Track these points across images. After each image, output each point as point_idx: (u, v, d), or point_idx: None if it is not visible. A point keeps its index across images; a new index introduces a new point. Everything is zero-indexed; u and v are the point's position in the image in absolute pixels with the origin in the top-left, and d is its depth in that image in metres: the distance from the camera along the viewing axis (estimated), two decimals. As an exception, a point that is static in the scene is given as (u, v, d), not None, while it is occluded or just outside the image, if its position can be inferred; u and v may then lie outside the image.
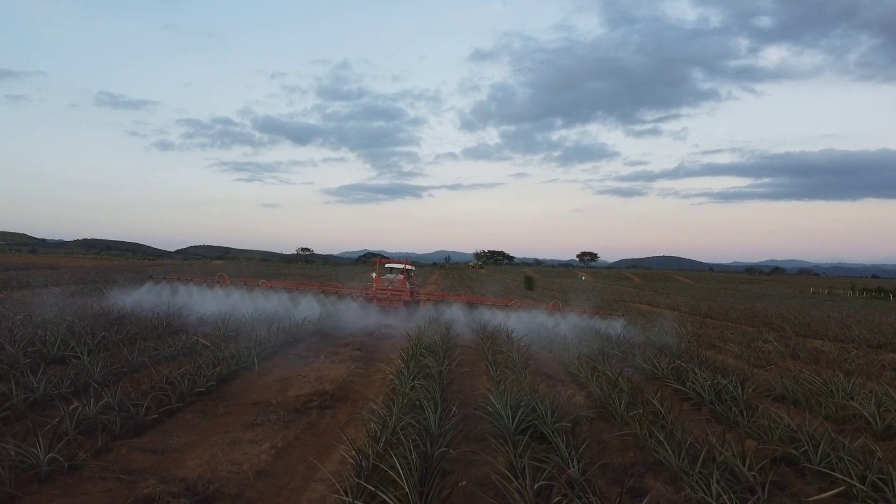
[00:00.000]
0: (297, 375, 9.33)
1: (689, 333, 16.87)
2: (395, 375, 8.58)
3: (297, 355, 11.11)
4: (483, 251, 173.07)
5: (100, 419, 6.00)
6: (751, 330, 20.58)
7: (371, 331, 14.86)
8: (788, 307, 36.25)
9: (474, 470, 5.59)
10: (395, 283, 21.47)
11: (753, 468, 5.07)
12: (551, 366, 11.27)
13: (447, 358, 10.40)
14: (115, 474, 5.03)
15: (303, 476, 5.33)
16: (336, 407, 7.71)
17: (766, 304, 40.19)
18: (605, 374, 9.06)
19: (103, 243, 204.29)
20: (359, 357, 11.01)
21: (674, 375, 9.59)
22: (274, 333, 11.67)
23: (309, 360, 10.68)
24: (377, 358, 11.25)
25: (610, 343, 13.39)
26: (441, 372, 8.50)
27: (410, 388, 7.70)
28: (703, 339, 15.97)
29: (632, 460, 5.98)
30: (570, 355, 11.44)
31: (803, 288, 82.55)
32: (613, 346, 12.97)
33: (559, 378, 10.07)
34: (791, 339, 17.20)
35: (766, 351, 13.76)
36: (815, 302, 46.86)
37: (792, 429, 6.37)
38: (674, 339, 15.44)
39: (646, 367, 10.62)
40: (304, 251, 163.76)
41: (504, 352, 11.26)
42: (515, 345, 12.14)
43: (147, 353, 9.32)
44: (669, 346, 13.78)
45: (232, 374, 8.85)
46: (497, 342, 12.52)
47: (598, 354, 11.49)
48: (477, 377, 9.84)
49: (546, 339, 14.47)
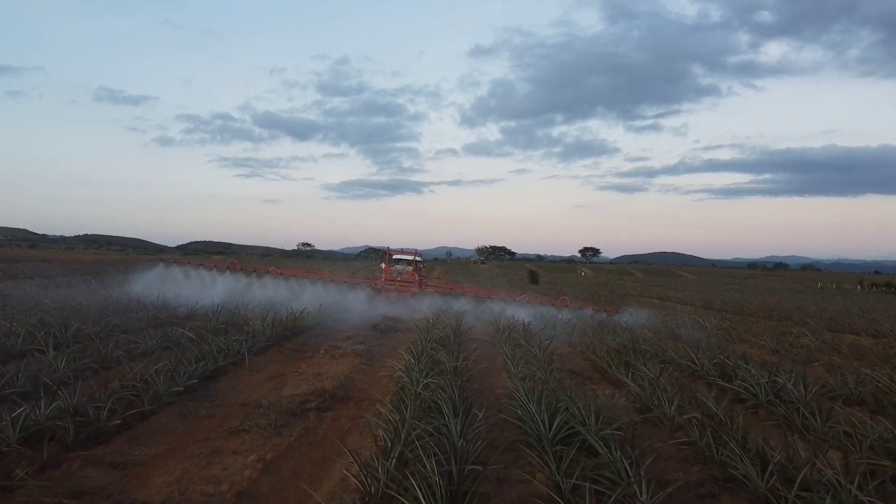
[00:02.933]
0: (294, 372, 8.28)
1: (714, 327, 15.78)
2: (405, 371, 7.53)
3: (294, 349, 10.05)
4: (484, 246, 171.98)
5: (51, 426, 4.95)
6: (773, 324, 19.51)
7: (376, 322, 13.79)
8: (802, 301, 35.15)
9: (508, 490, 4.53)
10: (404, 274, 20.63)
11: (868, 490, 4.00)
12: (575, 361, 10.20)
13: (461, 352, 9.36)
14: (57, 498, 3.98)
15: (295, 499, 4.27)
16: (337, 408, 6.65)
17: (779, 299, 39.09)
18: (641, 370, 7.99)
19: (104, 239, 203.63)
20: (363, 351, 9.94)
21: (718, 372, 8.51)
22: (269, 325, 10.61)
23: (307, 355, 9.61)
24: (383, 352, 10.19)
25: (634, 337, 12.32)
26: (456, 368, 7.44)
27: (423, 386, 6.65)
28: (730, 334, 14.88)
29: (698, 476, 4.91)
30: (595, 349, 10.39)
31: (809, 283, 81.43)
32: (638, 339, 11.90)
33: (587, 375, 9.01)
34: (822, 333, 16.11)
35: (803, 346, 12.68)
36: (825, 297, 45.72)
37: (884, 438, 5.31)
38: (699, 332, 14.38)
39: (681, 362, 9.54)
40: (305, 246, 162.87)
41: (522, 345, 10.20)
42: (534, 338, 11.10)
43: (124, 347, 8.26)
44: (697, 341, 12.71)
45: (219, 371, 7.79)
46: (513, 335, 11.47)
47: (626, 348, 10.43)
48: (495, 374, 8.78)
49: (563, 332, 13.41)
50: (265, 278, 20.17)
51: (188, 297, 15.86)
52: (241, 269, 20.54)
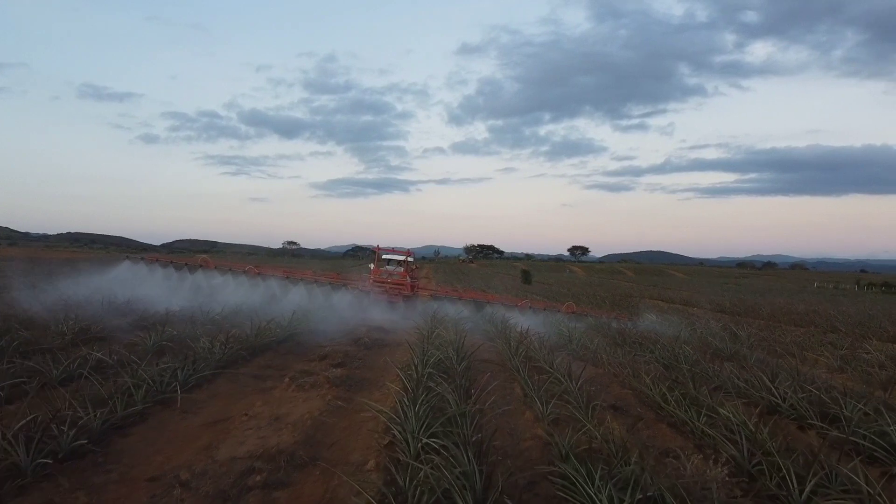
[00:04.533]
0: (243, 414, 6.06)
1: (749, 336, 13.77)
2: (395, 416, 5.37)
3: (253, 375, 7.80)
4: (473, 245, 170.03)
5: None
6: (802, 332, 17.63)
7: (360, 336, 11.57)
8: (811, 303, 33.51)
9: None
10: (395, 275, 18.54)
11: None
12: (613, 390, 8.07)
13: (468, 381, 7.22)
14: None
15: None
16: (294, 484, 4.45)
17: (784, 300, 37.47)
18: (718, 411, 5.89)
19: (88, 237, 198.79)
20: (341, 379, 7.72)
21: (816, 412, 6.39)
22: (222, 343, 8.36)
23: (267, 385, 7.37)
24: (367, 378, 8.00)
25: (671, 352, 10.26)
26: (467, 415, 5.28)
27: (422, 445, 4.53)
28: (770, 344, 12.89)
29: None
30: (633, 372, 8.29)
31: (804, 283, 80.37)
32: (678, 356, 9.86)
33: (635, 412, 6.87)
34: (866, 342, 14.18)
35: (867, 361, 10.69)
36: (828, 297, 44.26)
37: None
38: (734, 344, 12.37)
39: (756, 394, 7.41)
40: (291, 244, 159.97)
41: (544, 369, 8.11)
42: (555, 355, 9.00)
43: (9, 381, 5.98)
44: (742, 356, 10.71)
45: (136, 417, 5.57)
46: (529, 353, 9.37)
47: (669, 369, 8.39)
48: (518, 415, 6.61)
49: (581, 347, 11.31)
50: (241, 278, 18.17)
51: (144, 301, 13.68)
52: (214, 268, 18.62)
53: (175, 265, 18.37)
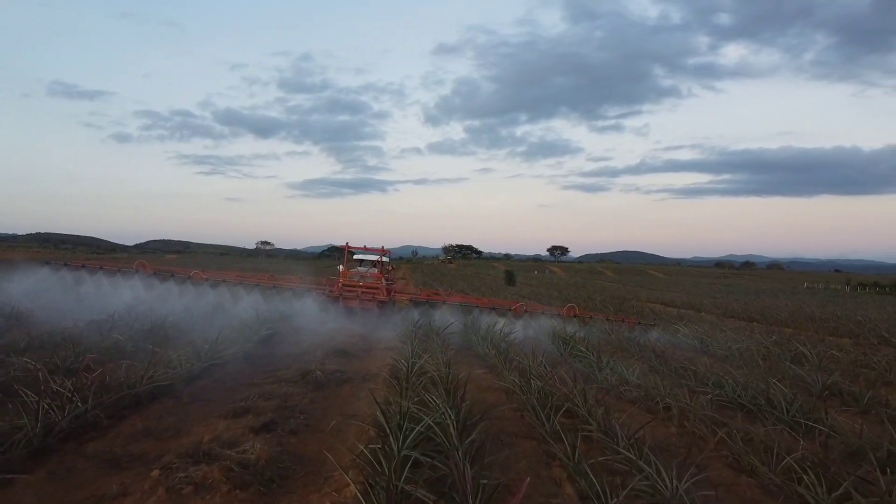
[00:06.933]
0: None
1: (817, 356, 10.87)
2: None
3: (106, 459, 4.44)
4: (451, 245, 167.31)
5: None
6: (845, 341, 14.97)
7: (312, 366, 8.22)
8: (811, 305, 31.28)
9: None
10: (368, 277, 15.53)
11: None
12: (719, 474, 4.98)
13: (468, 444, 4.09)
14: None
15: None
16: None
17: (785, 301, 35.28)
18: None
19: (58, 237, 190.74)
20: (257, 466, 4.40)
21: None
22: (77, 394, 5.04)
23: (113, 490, 4.05)
24: (306, 458, 4.74)
25: (735, 387, 7.28)
26: None
27: None
28: (853, 369, 10.03)
29: None
30: (721, 430, 5.26)
31: (787, 283, 79.26)
32: (749, 394, 6.91)
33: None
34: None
35: None
36: (826, 298, 42.39)
37: None
38: (819, 373, 9.50)
39: None
40: (265, 245, 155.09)
41: (590, 432, 5.03)
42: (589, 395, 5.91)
43: None
44: (855, 395, 7.83)
45: None
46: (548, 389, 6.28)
47: (760, 418, 5.42)
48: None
49: (612, 374, 8.28)
50: (186, 284, 15.09)
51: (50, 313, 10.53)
52: (154, 273, 15.62)
53: (106, 271, 15.38)
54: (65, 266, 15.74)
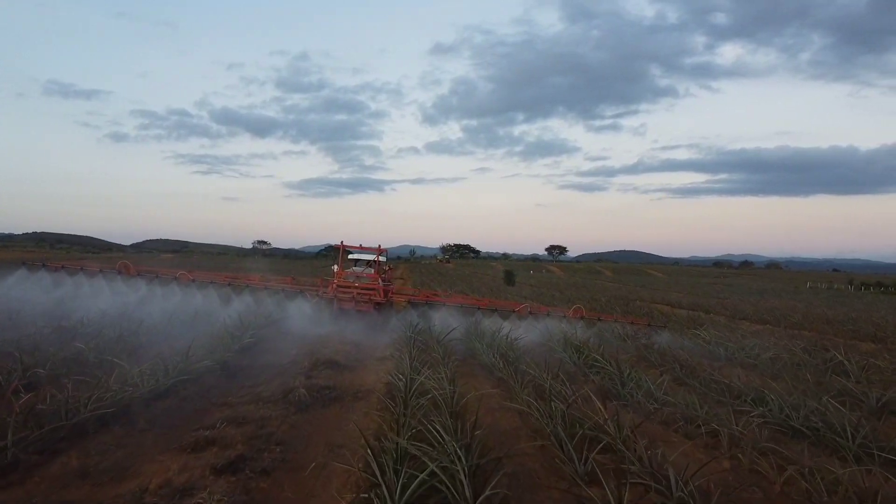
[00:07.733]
0: None
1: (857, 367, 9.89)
2: None
3: None
4: (449, 244, 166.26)
5: None
6: (869, 346, 14.04)
7: (296, 382, 7.23)
8: (819, 306, 30.42)
9: None
10: (364, 278, 14.64)
11: None
12: None
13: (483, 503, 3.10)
14: None
15: None
16: None
17: (792, 302, 34.41)
18: None
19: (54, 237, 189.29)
20: None
21: None
22: None
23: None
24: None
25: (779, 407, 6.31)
26: None
27: None
28: (892, 378, 9.05)
29: None
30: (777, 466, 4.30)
31: (789, 282, 78.42)
32: (800, 415, 5.95)
33: None
34: None
35: None
36: (831, 298, 41.55)
37: None
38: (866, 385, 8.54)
39: None
40: (262, 244, 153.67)
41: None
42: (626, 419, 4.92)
43: None
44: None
45: None
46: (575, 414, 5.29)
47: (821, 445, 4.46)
48: None
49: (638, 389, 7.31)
50: (171, 286, 14.40)
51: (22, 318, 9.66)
52: (137, 274, 14.90)
53: (87, 272, 14.72)
54: (43, 267, 14.96)
